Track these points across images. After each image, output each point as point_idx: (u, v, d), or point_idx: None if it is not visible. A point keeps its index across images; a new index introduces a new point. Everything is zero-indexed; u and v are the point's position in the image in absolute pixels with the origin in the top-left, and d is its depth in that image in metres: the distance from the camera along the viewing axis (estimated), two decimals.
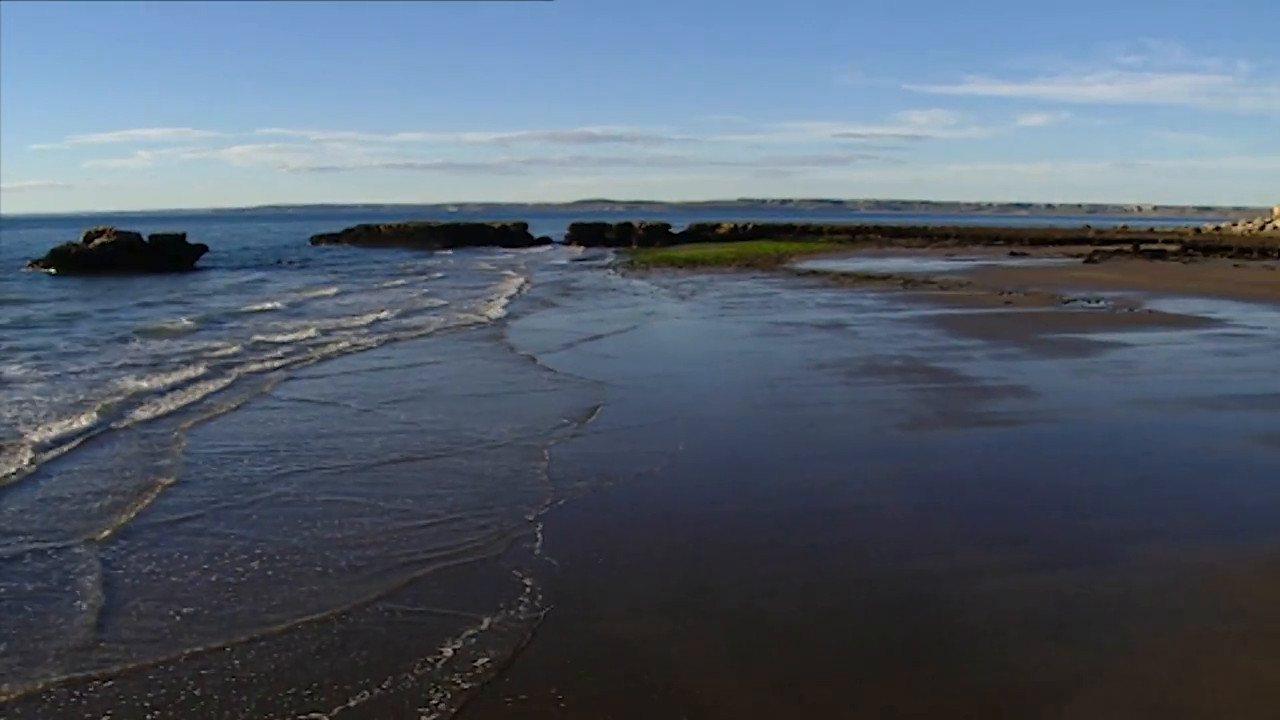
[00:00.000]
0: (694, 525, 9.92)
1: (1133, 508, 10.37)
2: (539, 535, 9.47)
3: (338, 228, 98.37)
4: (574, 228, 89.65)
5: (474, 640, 7.21)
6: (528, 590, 8.13)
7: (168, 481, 11.26)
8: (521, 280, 43.69)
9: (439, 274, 49.98)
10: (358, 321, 27.57)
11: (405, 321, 27.93)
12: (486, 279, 46.02)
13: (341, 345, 22.62)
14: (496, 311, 30.38)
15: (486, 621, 7.53)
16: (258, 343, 22.79)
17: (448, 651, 7.03)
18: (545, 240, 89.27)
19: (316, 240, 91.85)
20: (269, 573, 8.53)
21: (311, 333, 24.90)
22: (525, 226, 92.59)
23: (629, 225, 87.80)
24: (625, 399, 15.98)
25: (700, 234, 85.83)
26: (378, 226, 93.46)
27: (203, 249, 57.51)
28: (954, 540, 9.36)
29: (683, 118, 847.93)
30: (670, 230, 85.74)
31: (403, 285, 42.27)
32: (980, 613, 7.68)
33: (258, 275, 49.51)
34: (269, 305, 32.74)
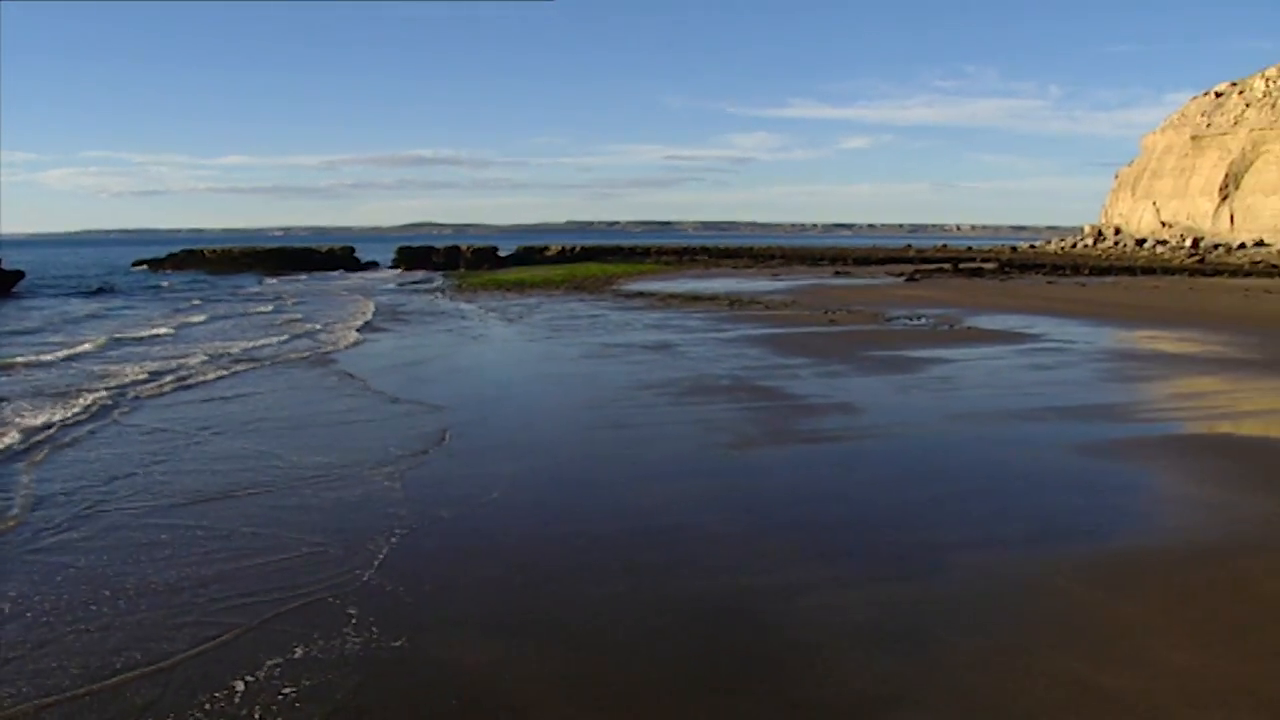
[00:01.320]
0: (529, 549, 9.86)
1: (956, 519, 10.71)
2: (377, 566, 9.27)
3: (161, 252, 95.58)
4: (401, 251, 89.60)
5: (308, 679, 7.00)
6: (355, 622, 7.94)
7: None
8: (372, 305, 43.37)
9: (296, 299, 49.29)
10: (234, 348, 26.75)
11: (288, 347, 27.46)
12: (339, 303, 45.62)
13: (209, 375, 21.76)
14: (352, 336, 30.07)
15: (321, 658, 7.33)
16: (155, 371, 21.97)
17: (276, 694, 6.80)
18: (373, 264, 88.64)
19: (139, 265, 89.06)
20: (85, 626, 8.03)
21: (199, 359, 24.18)
22: (352, 250, 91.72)
23: (457, 248, 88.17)
24: (459, 424, 15.78)
25: (528, 257, 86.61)
26: (201, 251, 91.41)
27: (19, 275, 54.99)
28: (782, 556, 9.52)
29: (511, 141, 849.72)
30: (498, 253, 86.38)
31: (270, 311, 41.61)
32: (810, 627, 7.82)
33: (106, 302, 47.44)
34: (156, 331, 31.76)
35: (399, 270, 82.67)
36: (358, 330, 32.02)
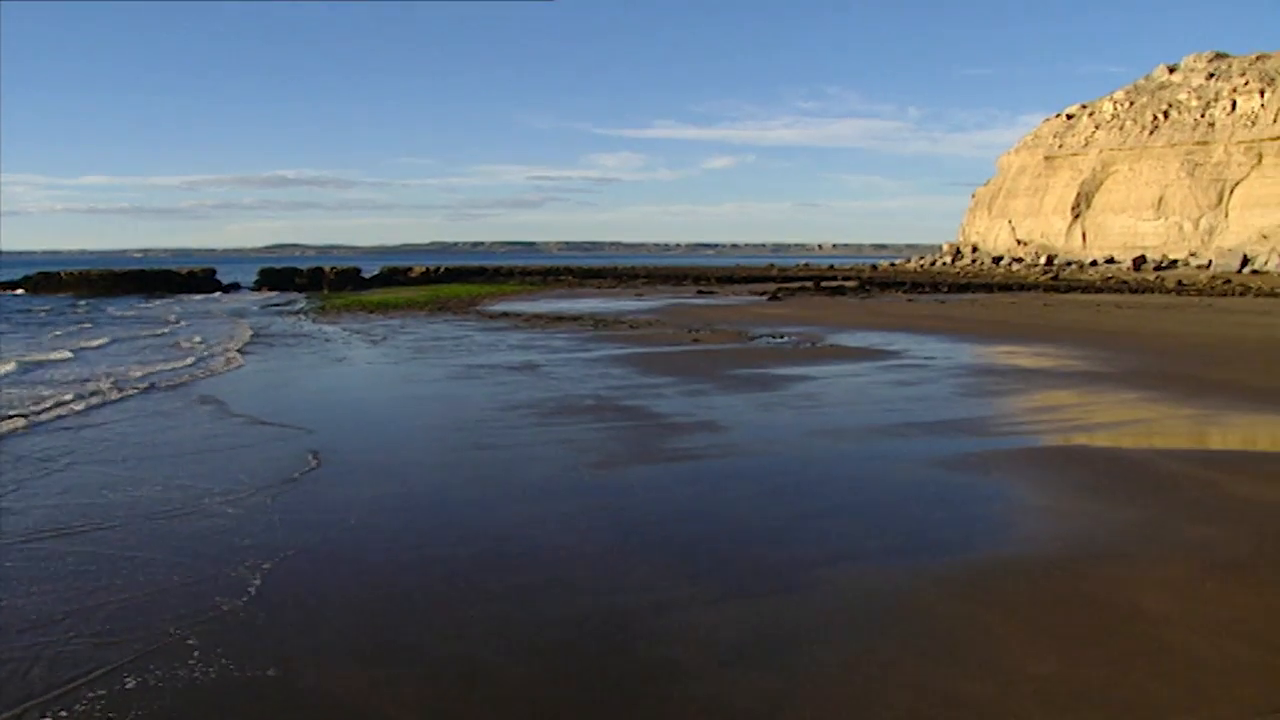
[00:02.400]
0: (398, 573, 9.77)
1: (821, 534, 10.91)
2: (248, 597, 9.06)
3: (15, 275, 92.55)
4: (264, 273, 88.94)
5: (178, 714, 6.81)
6: (224, 655, 7.74)
7: None
8: (244, 327, 42.93)
9: (182, 321, 48.44)
10: (136, 373, 25.94)
11: (202, 368, 27.10)
12: (217, 325, 45.07)
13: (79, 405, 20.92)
14: (236, 359, 29.60)
15: (189, 691, 7.13)
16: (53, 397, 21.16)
17: None
18: (235, 286, 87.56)
19: None
20: None
21: (107, 383, 23.51)
22: (214, 272, 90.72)
23: (320, 270, 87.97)
24: (326, 448, 15.54)
25: (392, 278, 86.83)
26: (59, 274, 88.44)
27: None
28: (650, 575, 9.59)
29: (375, 161, 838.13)
30: (362, 274, 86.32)
31: (166, 333, 40.91)
32: (678, 645, 7.89)
33: None
34: (54, 356, 30.75)
35: (261, 292, 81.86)
36: (236, 352, 31.51)
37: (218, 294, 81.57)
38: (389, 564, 10.10)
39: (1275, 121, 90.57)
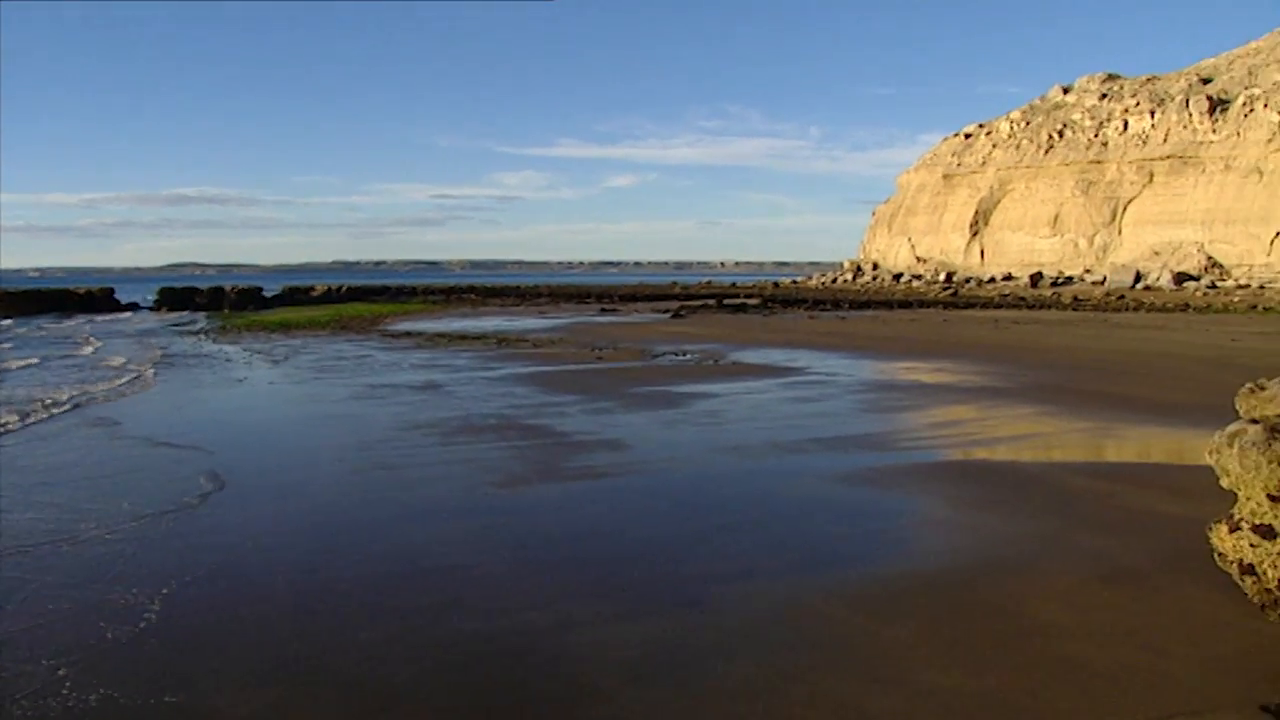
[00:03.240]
0: (300, 594, 9.65)
1: (725, 551, 10.95)
2: (146, 623, 8.83)
3: None
4: (163, 292, 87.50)
5: None
6: (125, 680, 7.54)
7: None
8: (155, 349, 42.19)
9: (96, 339, 47.66)
10: (62, 395, 25.38)
11: (115, 390, 26.06)
12: (138, 343, 44.76)
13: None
14: (147, 379, 29.19)
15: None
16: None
17: None
18: (133, 306, 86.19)
19: None
20: None
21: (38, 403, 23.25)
22: (112, 292, 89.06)
23: (221, 289, 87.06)
24: (226, 469, 15.29)
25: (294, 297, 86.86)
26: None
27: None
28: (552, 593, 9.56)
29: (277, 179, 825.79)
30: (263, 294, 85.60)
31: (91, 353, 40.25)
32: (583, 663, 7.87)
33: None
34: None
35: (160, 312, 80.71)
36: (149, 372, 30.99)
37: (128, 314, 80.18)
38: (292, 585, 9.96)
39: (1165, 141, 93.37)
